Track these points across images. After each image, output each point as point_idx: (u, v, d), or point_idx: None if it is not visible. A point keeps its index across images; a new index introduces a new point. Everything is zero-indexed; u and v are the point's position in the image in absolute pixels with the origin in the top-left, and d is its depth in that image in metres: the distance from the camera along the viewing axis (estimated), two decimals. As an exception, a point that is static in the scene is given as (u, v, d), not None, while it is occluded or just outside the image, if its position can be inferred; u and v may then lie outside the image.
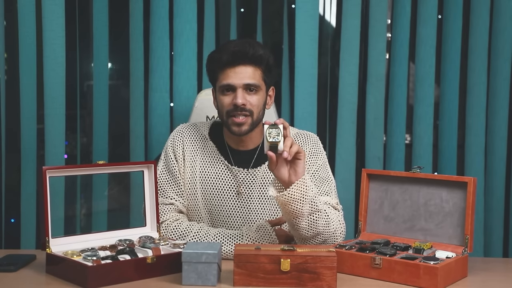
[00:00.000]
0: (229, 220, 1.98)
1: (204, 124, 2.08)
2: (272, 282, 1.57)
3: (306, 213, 1.74)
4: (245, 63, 1.90)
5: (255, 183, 1.97)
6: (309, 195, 1.73)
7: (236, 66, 1.90)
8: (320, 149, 2.03)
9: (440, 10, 2.91)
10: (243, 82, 1.90)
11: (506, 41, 2.90)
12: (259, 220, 1.96)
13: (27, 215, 2.73)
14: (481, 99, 2.93)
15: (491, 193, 2.97)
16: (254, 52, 1.89)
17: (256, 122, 1.94)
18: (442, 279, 1.59)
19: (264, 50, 1.92)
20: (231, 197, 1.97)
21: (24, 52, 2.68)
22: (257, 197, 1.97)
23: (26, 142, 2.70)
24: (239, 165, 1.99)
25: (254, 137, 1.99)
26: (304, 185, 1.71)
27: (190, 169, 2.00)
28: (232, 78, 1.90)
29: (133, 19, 2.78)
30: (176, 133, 2.05)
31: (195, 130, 2.05)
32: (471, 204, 1.72)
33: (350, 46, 2.85)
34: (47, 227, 1.69)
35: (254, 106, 1.91)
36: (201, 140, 2.03)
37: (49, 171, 1.70)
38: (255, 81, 1.90)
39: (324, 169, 2.00)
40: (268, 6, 3.05)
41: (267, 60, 1.92)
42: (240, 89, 1.90)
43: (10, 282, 1.61)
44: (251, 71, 1.90)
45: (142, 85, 2.81)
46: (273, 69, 1.97)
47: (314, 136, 2.05)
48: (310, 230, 1.77)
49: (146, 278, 1.63)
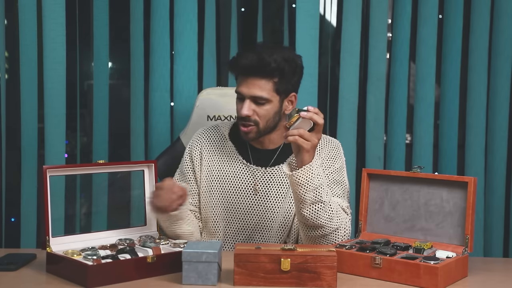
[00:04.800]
0: (245, 217, 2.01)
1: (225, 124, 2.13)
2: (272, 281, 1.57)
3: (309, 200, 1.77)
4: (256, 75, 1.90)
5: (273, 181, 2.00)
6: (314, 183, 1.75)
7: (248, 77, 1.92)
8: (340, 154, 2.05)
9: (440, 10, 2.91)
10: (251, 94, 1.91)
11: (507, 41, 2.90)
12: (275, 218, 1.99)
13: (27, 214, 2.73)
14: (481, 98, 2.93)
15: (491, 193, 2.96)
16: (262, 66, 1.88)
17: (265, 129, 1.96)
18: (442, 279, 1.59)
19: (278, 61, 1.89)
20: (248, 195, 2.01)
21: (25, 51, 2.68)
22: (273, 195, 2.00)
23: (27, 141, 2.70)
24: (257, 164, 2.02)
25: (273, 139, 2.03)
26: (311, 171, 1.74)
27: (207, 169, 2.05)
28: (243, 87, 1.93)
29: (134, 18, 2.78)
30: (196, 136, 2.12)
31: (216, 131, 2.10)
32: (472, 204, 1.72)
33: (351, 45, 2.85)
34: (48, 226, 1.69)
35: (261, 117, 1.93)
36: (221, 141, 2.08)
37: (49, 170, 1.70)
38: (264, 94, 1.91)
39: (340, 173, 2.02)
40: (268, 6, 3.05)
41: (281, 71, 1.91)
42: (248, 100, 1.92)
43: (11, 281, 1.61)
44: (262, 83, 1.91)
45: (143, 84, 2.81)
46: (292, 77, 1.95)
47: (336, 142, 2.08)
48: (311, 219, 1.79)
49: (146, 278, 1.63)
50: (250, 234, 2.02)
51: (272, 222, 2.00)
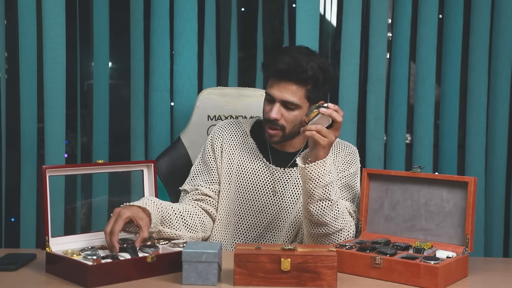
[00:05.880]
0: (259, 215, 2.02)
1: (246, 121, 2.14)
2: (273, 281, 1.57)
3: (317, 196, 1.77)
4: (290, 80, 1.90)
5: (290, 182, 2.01)
6: (325, 180, 1.76)
7: (280, 81, 1.91)
8: (356, 160, 2.06)
9: (441, 10, 2.91)
10: (282, 98, 1.91)
11: (507, 41, 2.90)
12: (287, 218, 2.01)
13: (27, 214, 2.73)
14: (481, 98, 2.93)
15: (491, 193, 2.96)
16: (300, 73, 1.88)
17: (290, 134, 1.97)
18: (442, 279, 1.59)
19: (314, 69, 1.89)
20: (266, 194, 2.02)
21: (25, 51, 2.68)
22: (289, 196, 2.01)
23: (26, 141, 2.70)
24: (277, 164, 2.03)
25: (294, 143, 2.04)
26: (323, 167, 1.75)
27: (228, 163, 2.05)
28: (274, 90, 1.92)
29: (134, 18, 2.77)
30: (217, 128, 2.11)
31: (237, 126, 2.11)
32: (472, 204, 1.72)
33: (351, 45, 2.85)
34: (47, 226, 1.69)
35: (288, 122, 1.93)
36: (242, 136, 2.08)
37: (49, 170, 1.70)
38: (295, 100, 1.91)
39: (353, 178, 2.02)
40: (268, 6, 3.05)
41: (316, 79, 1.91)
42: (278, 103, 1.92)
43: (10, 282, 1.61)
44: (294, 89, 1.90)
45: (143, 84, 2.81)
46: (324, 85, 1.94)
47: (353, 148, 2.09)
48: (317, 216, 1.79)
49: (146, 278, 1.62)
50: (261, 232, 2.02)
51: (284, 222, 2.01)
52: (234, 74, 2.97)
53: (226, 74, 2.99)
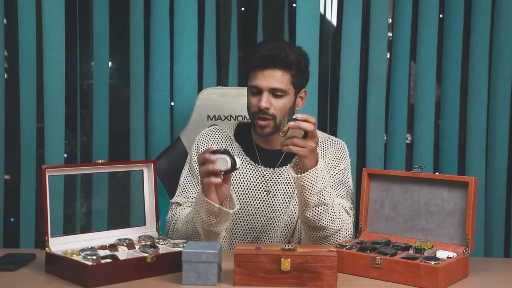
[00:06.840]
0: (253, 218, 2.00)
1: (229, 125, 2.12)
2: (273, 281, 1.57)
3: (312, 203, 1.77)
4: (274, 67, 1.90)
5: (281, 181, 2.00)
6: (318, 186, 1.75)
7: (265, 69, 1.91)
8: (345, 155, 2.05)
9: (441, 10, 2.91)
10: (270, 86, 1.90)
11: (508, 41, 2.89)
12: (281, 218, 2.00)
13: (26, 214, 2.72)
14: (482, 99, 2.93)
15: (492, 193, 2.96)
16: (284, 57, 1.89)
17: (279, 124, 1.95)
18: (442, 279, 1.58)
19: (296, 54, 1.91)
20: (258, 196, 2.00)
21: (24, 50, 2.67)
22: (281, 196, 2.00)
23: (26, 141, 2.70)
24: (265, 164, 2.02)
25: (281, 138, 2.00)
26: (315, 175, 1.74)
27: None
28: (260, 80, 1.91)
29: (134, 18, 2.77)
30: (201, 136, 2.09)
31: (220, 132, 2.08)
32: (472, 204, 1.72)
33: (351, 45, 2.85)
34: (47, 226, 1.68)
35: (278, 110, 1.92)
36: (227, 141, 2.06)
37: (48, 170, 1.70)
38: (282, 86, 1.91)
39: (344, 174, 2.02)
40: (268, 5, 3.04)
41: (298, 64, 1.92)
42: (266, 92, 1.91)
43: (10, 281, 1.61)
44: (280, 75, 1.90)
45: (143, 84, 2.81)
46: (305, 72, 1.97)
47: (342, 143, 2.08)
48: (314, 221, 1.79)
49: (146, 278, 1.62)
50: (257, 235, 2.01)
51: (279, 223, 2.00)
52: (234, 74, 2.97)
53: (226, 74, 2.99)
